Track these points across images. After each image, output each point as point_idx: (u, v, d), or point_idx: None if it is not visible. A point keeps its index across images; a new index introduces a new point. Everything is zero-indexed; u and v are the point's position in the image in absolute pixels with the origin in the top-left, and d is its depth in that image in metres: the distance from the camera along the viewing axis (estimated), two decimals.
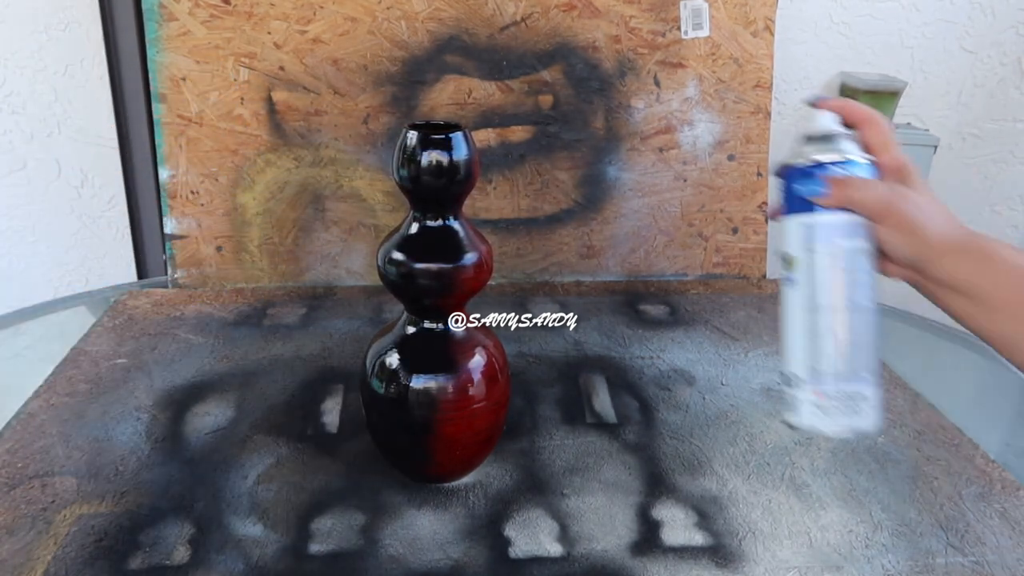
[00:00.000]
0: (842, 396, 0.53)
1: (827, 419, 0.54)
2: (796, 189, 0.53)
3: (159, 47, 1.21)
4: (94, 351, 1.07)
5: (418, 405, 0.75)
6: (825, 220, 0.52)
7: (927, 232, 0.50)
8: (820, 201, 0.51)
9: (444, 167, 0.71)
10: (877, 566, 0.74)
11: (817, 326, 0.53)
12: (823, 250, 0.52)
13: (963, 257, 0.50)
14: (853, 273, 0.52)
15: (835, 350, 0.53)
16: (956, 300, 0.51)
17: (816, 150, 0.53)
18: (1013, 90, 1.54)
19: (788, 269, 0.54)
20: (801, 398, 0.54)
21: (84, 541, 0.73)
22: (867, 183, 0.51)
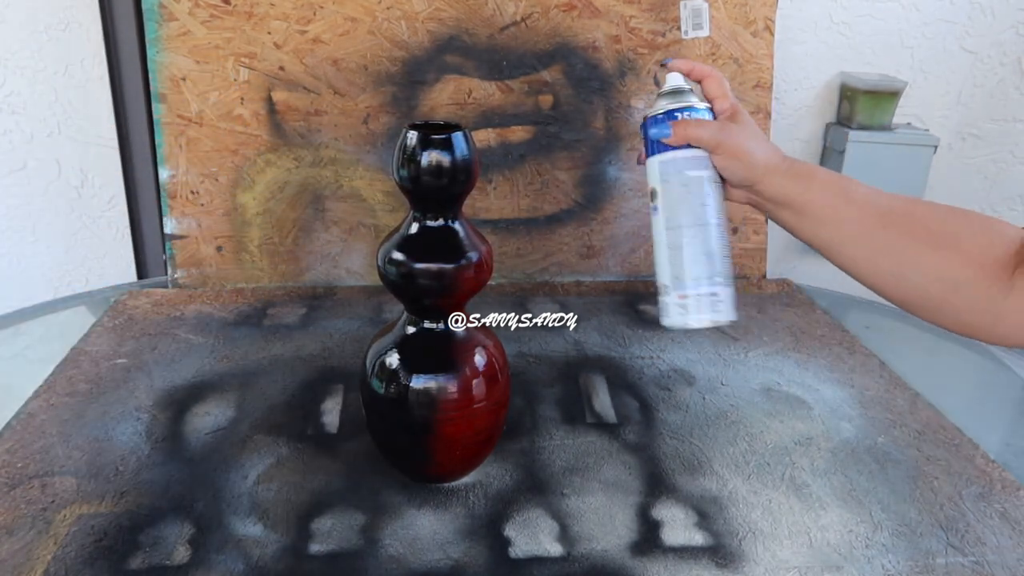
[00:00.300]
0: (700, 296, 0.64)
1: (690, 316, 0.65)
2: (651, 134, 0.65)
3: (159, 47, 1.21)
4: (94, 351, 1.07)
5: (418, 405, 0.75)
6: (674, 156, 0.64)
7: (753, 157, 0.62)
8: (667, 140, 0.64)
9: (444, 167, 0.71)
10: (877, 566, 0.74)
11: (675, 242, 0.64)
12: (675, 180, 0.64)
13: (787, 176, 0.61)
14: (700, 196, 0.63)
15: (690, 259, 0.64)
16: (785, 213, 0.63)
17: (667, 102, 0.65)
18: (1013, 90, 1.54)
19: (652, 200, 0.66)
20: (668, 302, 0.66)
21: (84, 541, 0.73)
22: (701, 122, 0.64)
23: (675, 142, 0.64)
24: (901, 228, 0.57)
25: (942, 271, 0.55)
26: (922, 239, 0.56)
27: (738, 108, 0.65)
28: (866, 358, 1.13)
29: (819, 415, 0.98)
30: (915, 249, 0.56)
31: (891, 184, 1.51)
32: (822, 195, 0.60)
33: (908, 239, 0.56)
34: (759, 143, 0.63)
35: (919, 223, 0.57)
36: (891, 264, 0.57)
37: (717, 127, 0.63)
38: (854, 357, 1.13)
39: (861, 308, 1.39)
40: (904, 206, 0.58)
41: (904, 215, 0.57)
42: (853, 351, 1.15)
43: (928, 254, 0.55)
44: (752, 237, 1.38)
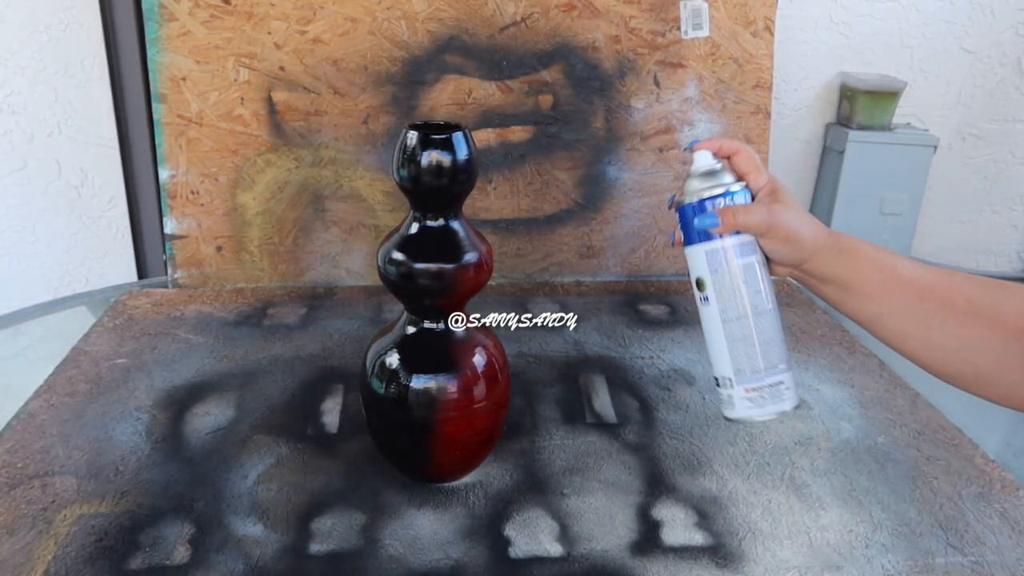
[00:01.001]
0: (766, 387, 0.62)
1: (758, 409, 0.63)
2: (696, 224, 0.63)
3: (159, 47, 1.21)
4: (94, 351, 1.07)
5: (418, 405, 0.75)
6: (722, 245, 0.62)
7: (801, 238, 0.61)
8: (715, 230, 0.62)
9: (444, 167, 0.71)
10: (877, 566, 0.74)
11: (735, 334, 0.63)
12: (725, 270, 0.62)
13: (832, 255, 0.61)
14: (752, 284, 0.62)
15: (752, 351, 0.62)
16: (829, 289, 0.62)
17: (702, 186, 0.63)
18: (1013, 90, 1.54)
19: (701, 290, 0.64)
20: (734, 395, 0.63)
21: (84, 541, 0.73)
22: (749, 208, 0.62)
23: (724, 231, 0.61)
24: (942, 299, 0.57)
25: (987, 341, 0.55)
26: (963, 310, 0.56)
27: (776, 183, 0.63)
28: (866, 358, 1.13)
29: (819, 415, 0.98)
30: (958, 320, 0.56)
31: (891, 184, 1.51)
32: (869, 271, 0.60)
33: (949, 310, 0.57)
34: (805, 221, 0.61)
35: (959, 294, 0.57)
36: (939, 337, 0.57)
37: (766, 211, 0.61)
38: (854, 357, 1.13)
39: None
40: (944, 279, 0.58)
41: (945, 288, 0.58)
42: (853, 351, 1.15)
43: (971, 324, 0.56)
44: None
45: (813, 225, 0.62)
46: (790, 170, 1.57)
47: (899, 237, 1.54)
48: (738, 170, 0.64)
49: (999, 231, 1.64)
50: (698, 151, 0.64)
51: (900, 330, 0.59)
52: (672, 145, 1.34)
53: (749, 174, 0.63)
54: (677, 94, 1.32)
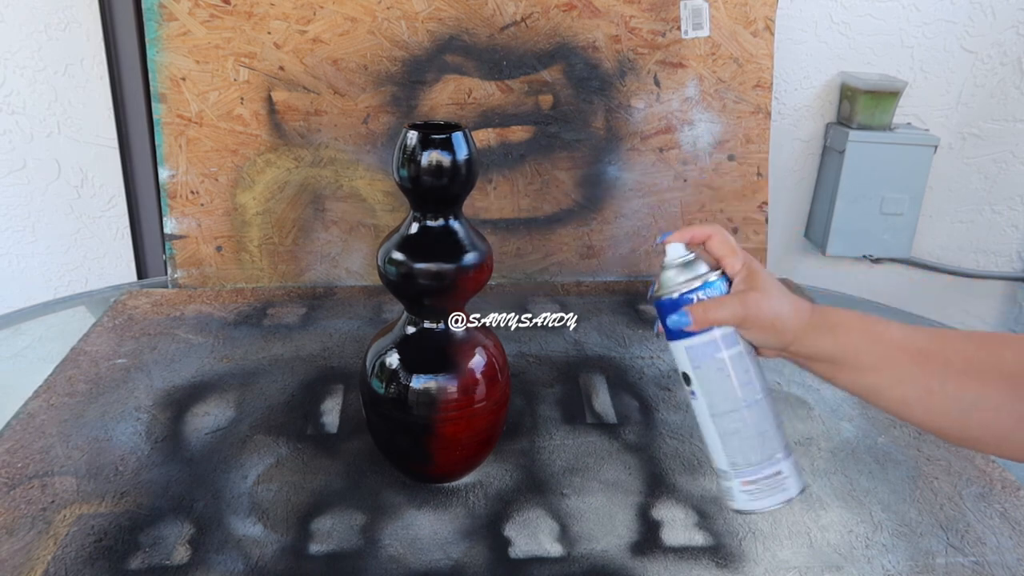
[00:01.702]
0: (763, 479, 0.60)
1: (759, 501, 0.61)
2: (670, 322, 0.61)
3: (159, 47, 1.21)
4: (94, 351, 1.07)
5: (418, 405, 0.75)
6: (701, 340, 0.60)
7: (780, 325, 0.59)
8: (688, 329, 0.60)
9: (444, 167, 0.71)
10: (877, 566, 0.74)
11: (726, 428, 0.60)
12: (708, 365, 0.60)
13: (817, 334, 0.58)
14: (739, 375, 0.60)
15: (745, 444, 0.60)
16: (822, 367, 0.59)
17: (676, 279, 0.61)
18: (1013, 90, 1.54)
19: (688, 384, 0.62)
20: (733, 488, 0.61)
21: (84, 541, 0.73)
22: (720, 302, 0.59)
23: (697, 329, 0.59)
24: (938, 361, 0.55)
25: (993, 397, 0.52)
26: (961, 368, 0.54)
27: (752, 266, 0.61)
28: None
29: (819, 415, 0.98)
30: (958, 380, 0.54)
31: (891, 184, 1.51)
32: (857, 344, 0.57)
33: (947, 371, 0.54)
34: (783, 304, 0.59)
35: (955, 353, 0.55)
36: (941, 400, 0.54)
37: (739, 303, 0.58)
38: None
39: (861, 308, 1.39)
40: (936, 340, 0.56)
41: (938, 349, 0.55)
42: None
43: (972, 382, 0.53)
44: (752, 237, 1.38)
45: (792, 307, 0.59)
46: (790, 170, 1.57)
47: (899, 237, 1.53)
48: (713, 254, 0.62)
49: (999, 231, 1.63)
50: (669, 244, 0.63)
51: (901, 399, 0.56)
52: (672, 145, 1.34)
53: (724, 258, 0.61)
54: (677, 94, 1.32)
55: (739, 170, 1.36)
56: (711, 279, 0.60)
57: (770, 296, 0.59)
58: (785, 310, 0.59)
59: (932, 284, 1.68)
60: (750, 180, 1.37)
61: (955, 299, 1.70)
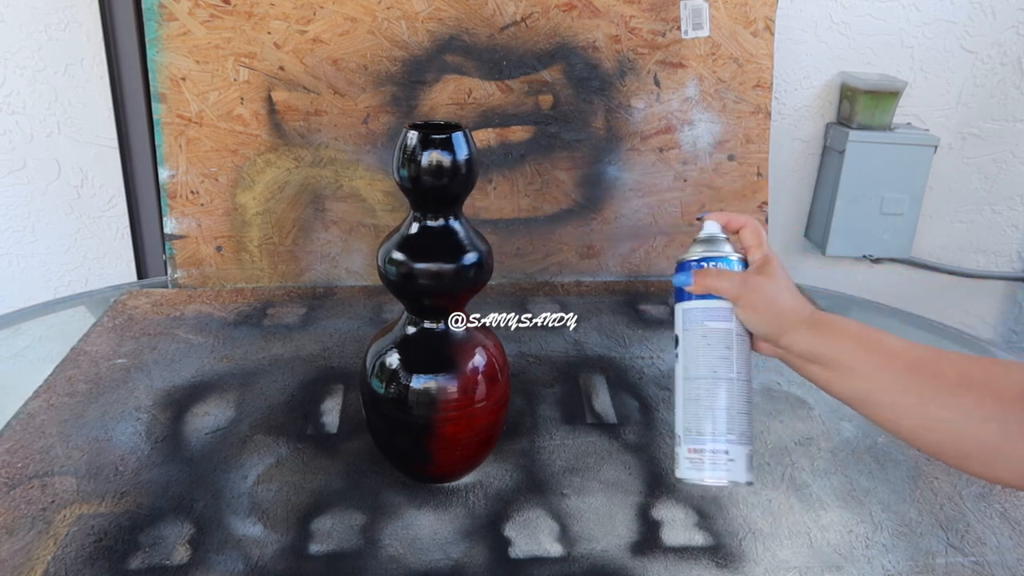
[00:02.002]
0: (709, 452, 0.61)
1: (701, 472, 0.62)
2: (676, 280, 0.64)
3: (159, 47, 1.21)
4: (94, 351, 1.07)
5: (418, 405, 0.75)
6: (695, 305, 0.63)
7: (775, 311, 0.60)
8: (688, 289, 0.63)
9: (444, 167, 0.71)
10: (877, 566, 0.74)
11: (691, 393, 0.62)
12: (696, 330, 0.63)
13: (813, 331, 0.59)
14: (720, 349, 0.62)
15: (704, 414, 0.62)
16: (813, 368, 0.60)
17: (699, 250, 0.65)
18: (1013, 90, 1.54)
19: (676, 347, 0.64)
20: (680, 454, 0.63)
21: (84, 541, 0.73)
22: (723, 273, 0.62)
23: (696, 291, 0.62)
24: (932, 372, 0.55)
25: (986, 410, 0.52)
26: (955, 381, 0.54)
27: (770, 258, 0.63)
28: None
29: (819, 415, 0.98)
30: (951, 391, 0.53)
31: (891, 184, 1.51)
32: (852, 346, 0.58)
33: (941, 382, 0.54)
34: (785, 296, 0.60)
35: (950, 367, 0.55)
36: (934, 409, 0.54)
37: (740, 279, 0.61)
38: None
39: (861, 308, 1.39)
40: (932, 353, 0.56)
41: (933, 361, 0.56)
42: None
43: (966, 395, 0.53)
44: None
45: (793, 299, 0.61)
46: (790, 170, 1.57)
47: (899, 237, 1.53)
48: (742, 243, 0.65)
49: (999, 231, 1.63)
50: (708, 220, 0.67)
51: (892, 406, 0.56)
52: (672, 145, 1.34)
53: (750, 248, 0.64)
54: (677, 94, 1.32)
55: (739, 170, 1.36)
56: (729, 257, 0.64)
57: (774, 283, 0.61)
58: (784, 300, 0.60)
59: (932, 284, 1.68)
60: (750, 180, 1.37)
61: (955, 299, 1.70)
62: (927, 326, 1.29)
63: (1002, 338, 1.73)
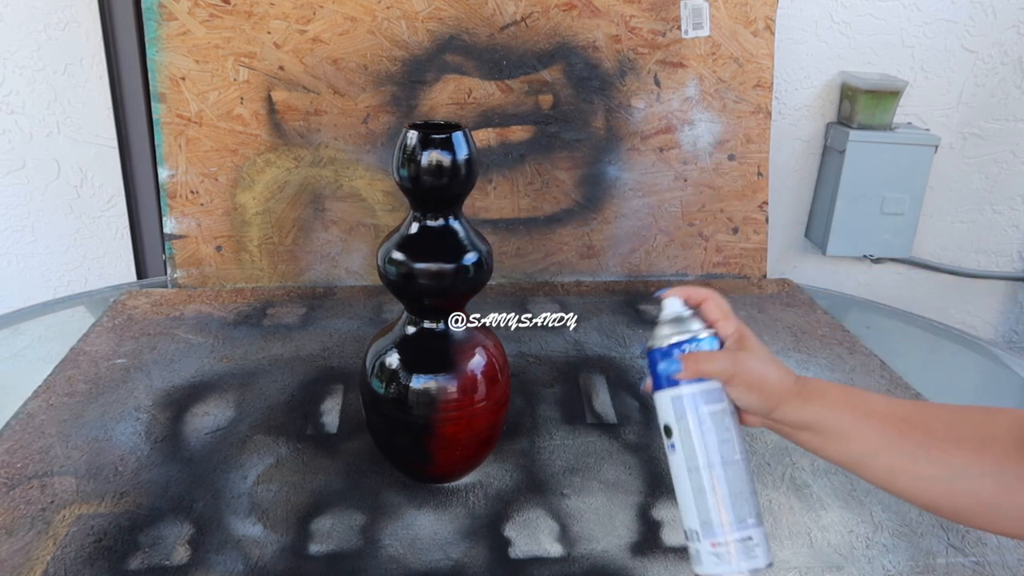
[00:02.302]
0: (734, 542, 0.59)
1: (726, 565, 0.59)
2: (660, 369, 0.62)
3: (159, 47, 1.21)
4: (94, 351, 1.07)
5: (418, 405, 0.75)
6: (687, 391, 0.60)
7: (766, 386, 0.59)
8: (678, 376, 0.61)
9: (444, 167, 0.71)
10: (877, 566, 0.74)
11: (699, 484, 0.60)
12: (691, 417, 0.60)
13: (801, 401, 0.59)
14: (720, 432, 0.60)
15: (718, 503, 0.59)
16: (805, 436, 0.59)
17: (670, 332, 0.62)
18: (1014, 90, 1.54)
19: (668, 437, 0.62)
20: (701, 549, 0.60)
21: (83, 541, 0.73)
22: (711, 355, 0.61)
23: (686, 377, 0.60)
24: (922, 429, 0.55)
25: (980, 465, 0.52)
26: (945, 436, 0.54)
27: (744, 331, 0.62)
28: (866, 358, 1.13)
29: None
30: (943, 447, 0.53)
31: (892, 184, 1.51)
32: (841, 412, 0.57)
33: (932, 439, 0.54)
34: (771, 368, 0.60)
35: (939, 421, 0.55)
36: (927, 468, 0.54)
37: (730, 358, 0.60)
38: (854, 357, 1.13)
39: (861, 308, 1.39)
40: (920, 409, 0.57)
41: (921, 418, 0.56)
42: (853, 351, 1.14)
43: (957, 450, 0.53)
44: (752, 237, 1.38)
45: (779, 372, 0.60)
46: (790, 170, 1.57)
47: (899, 237, 1.53)
48: (707, 318, 0.63)
49: (1000, 231, 1.63)
50: (667, 298, 0.64)
51: (888, 468, 0.55)
52: (672, 145, 1.34)
53: (718, 322, 0.63)
54: (677, 94, 1.32)
55: (739, 170, 1.36)
56: (703, 335, 0.62)
57: (759, 358, 0.60)
58: (772, 373, 0.60)
59: (932, 284, 1.68)
60: (750, 180, 1.36)
61: (955, 299, 1.70)
62: (927, 326, 1.29)
63: (1002, 338, 1.73)
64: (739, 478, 0.60)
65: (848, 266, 1.67)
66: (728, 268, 1.39)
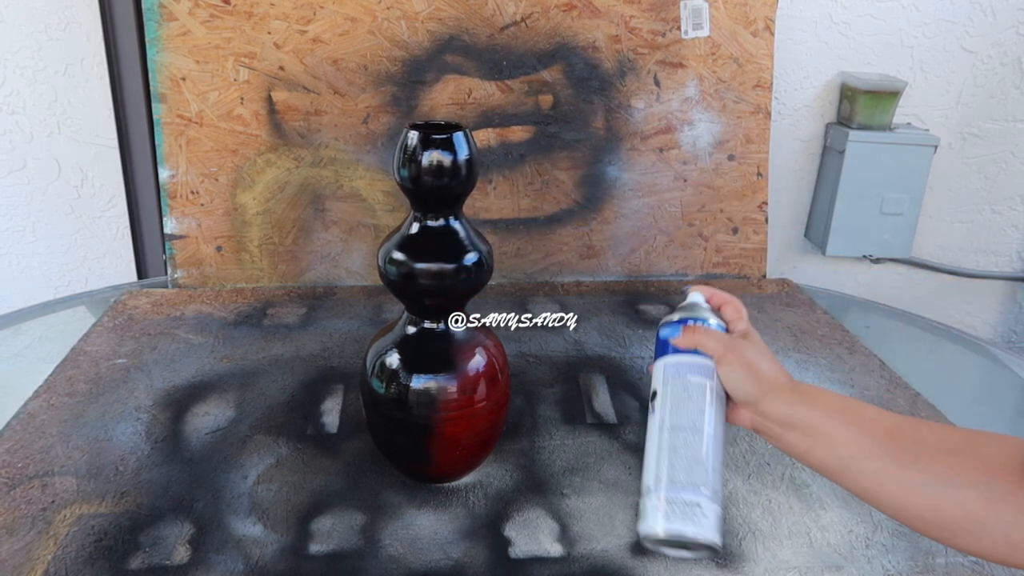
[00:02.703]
0: (680, 502, 0.59)
1: (668, 522, 0.58)
2: (662, 333, 0.65)
3: (159, 47, 1.21)
4: (94, 351, 1.07)
5: (418, 405, 0.75)
6: (679, 360, 0.64)
7: (759, 372, 0.61)
8: (675, 341, 0.64)
9: (445, 167, 0.71)
10: (877, 566, 0.74)
11: (665, 443, 0.62)
12: (676, 383, 0.63)
13: (791, 397, 0.60)
14: (699, 403, 0.62)
15: (678, 462, 0.60)
16: (792, 436, 0.60)
17: (683, 311, 0.66)
18: (1013, 90, 1.54)
19: (652, 402, 0.64)
20: (647, 505, 0.60)
21: (84, 541, 0.73)
22: (711, 331, 0.64)
23: (683, 344, 0.63)
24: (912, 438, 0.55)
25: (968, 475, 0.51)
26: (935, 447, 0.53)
27: (752, 331, 0.65)
28: (866, 358, 1.13)
29: None
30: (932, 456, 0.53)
31: (891, 184, 1.51)
32: (831, 413, 0.58)
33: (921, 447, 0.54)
34: (767, 362, 0.62)
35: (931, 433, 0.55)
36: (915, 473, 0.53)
37: (727, 339, 0.63)
38: (854, 357, 1.13)
39: (861, 308, 1.39)
40: (912, 422, 0.57)
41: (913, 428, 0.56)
42: (853, 351, 1.15)
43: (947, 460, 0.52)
44: (752, 237, 1.38)
45: (773, 366, 0.62)
46: (790, 170, 1.57)
47: (899, 237, 1.53)
48: (725, 318, 0.66)
49: (999, 231, 1.63)
50: (693, 291, 0.68)
51: (875, 472, 0.55)
52: (672, 145, 1.34)
53: (732, 322, 0.66)
54: (677, 94, 1.32)
55: (739, 170, 1.36)
56: (712, 322, 0.65)
57: (756, 349, 0.63)
58: (765, 365, 0.62)
59: (932, 284, 1.68)
60: (750, 180, 1.37)
61: (955, 299, 1.70)
62: (927, 326, 1.29)
63: (1002, 338, 1.73)
64: (706, 450, 0.60)
65: (848, 266, 1.67)
66: (728, 268, 1.39)
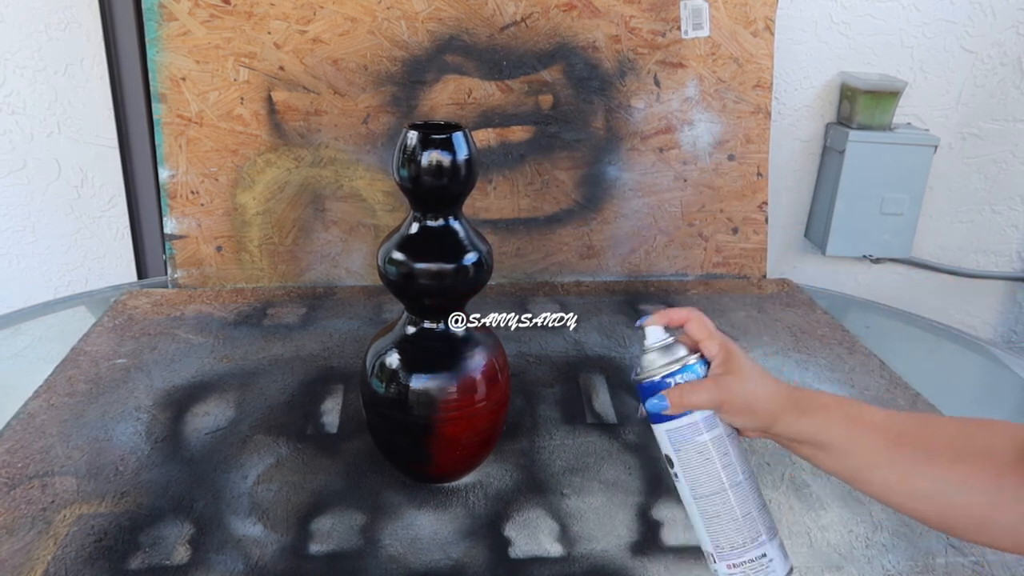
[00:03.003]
0: (749, 562, 0.59)
1: None
2: (650, 406, 0.61)
3: (159, 47, 1.21)
4: (94, 351, 1.07)
5: (418, 405, 0.75)
6: (681, 424, 0.60)
7: (757, 408, 0.59)
8: (667, 413, 0.60)
9: (445, 167, 0.71)
10: (877, 566, 0.74)
11: (709, 510, 0.60)
12: (689, 448, 0.60)
13: (796, 416, 0.58)
14: (721, 457, 0.60)
15: (729, 527, 0.60)
16: (805, 449, 0.59)
17: (656, 363, 0.61)
18: (1013, 90, 1.54)
19: (671, 467, 0.62)
20: (719, 571, 0.60)
21: (84, 541, 0.73)
22: (697, 387, 0.60)
23: (676, 412, 0.60)
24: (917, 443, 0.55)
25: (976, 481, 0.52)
26: (941, 451, 0.54)
27: (730, 348, 0.61)
28: (866, 358, 1.13)
29: None
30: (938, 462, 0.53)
31: (891, 184, 1.51)
32: (836, 426, 0.57)
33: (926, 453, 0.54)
34: (761, 386, 0.59)
35: (937, 435, 0.55)
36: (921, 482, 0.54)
37: (716, 387, 0.59)
38: (854, 357, 1.13)
39: (861, 308, 1.39)
40: (917, 423, 0.57)
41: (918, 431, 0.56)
42: (853, 351, 1.15)
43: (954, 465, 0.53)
44: (752, 237, 1.38)
45: (769, 390, 0.59)
46: (790, 170, 1.57)
47: (899, 237, 1.53)
48: (691, 337, 0.62)
49: (999, 231, 1.63)
50: (648, 327, 0.63)
51: (883, 482, 0.55)
52: (672, 145, 1.34)
53: (702, 342, 0.61)
54: (677, 94, 1.32)
55: (739, 170, 1.36)
56: (689, 362, 0.61)
57: (747, 379, 0.60)
58: (762, 393, 0.59)
59: (932, 284, 1.68)
60: (750, 180, 1.37)
61: (955, 299, 1.70)
62: (926, 326, 1.29)
63: (1002, 338, 1.73)
64: (746, 498, 0.60)
65: (848, 266, 1.67)
66: (728, 268, 1.39)
